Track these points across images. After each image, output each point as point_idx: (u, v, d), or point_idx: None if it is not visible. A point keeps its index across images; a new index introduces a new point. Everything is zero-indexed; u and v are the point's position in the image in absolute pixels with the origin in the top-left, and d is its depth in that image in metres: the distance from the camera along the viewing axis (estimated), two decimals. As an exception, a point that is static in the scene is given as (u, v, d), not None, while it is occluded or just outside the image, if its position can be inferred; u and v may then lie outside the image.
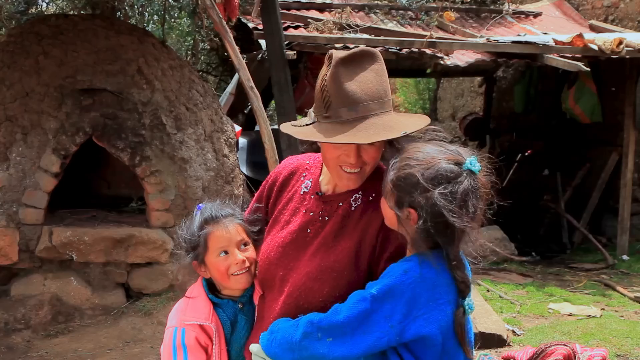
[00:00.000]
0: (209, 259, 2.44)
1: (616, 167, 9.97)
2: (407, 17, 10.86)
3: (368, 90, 2.13)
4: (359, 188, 2.27)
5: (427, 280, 1.96)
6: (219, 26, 6.72)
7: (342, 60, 2.15)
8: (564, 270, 8.87)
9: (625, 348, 5.54)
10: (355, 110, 2.13)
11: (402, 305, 1.94)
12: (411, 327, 1.94)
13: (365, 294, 1.99)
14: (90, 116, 6.65)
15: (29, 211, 6.48)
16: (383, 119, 2.12)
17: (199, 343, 2.40)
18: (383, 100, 2.15)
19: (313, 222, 2.33)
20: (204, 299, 2.48)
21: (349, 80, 2.14)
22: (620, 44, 8.33)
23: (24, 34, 7.11)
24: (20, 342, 5.92)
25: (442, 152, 2.01)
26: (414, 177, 1.96)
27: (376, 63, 2.18)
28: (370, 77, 2.15)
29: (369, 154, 2.18)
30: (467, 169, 1.97)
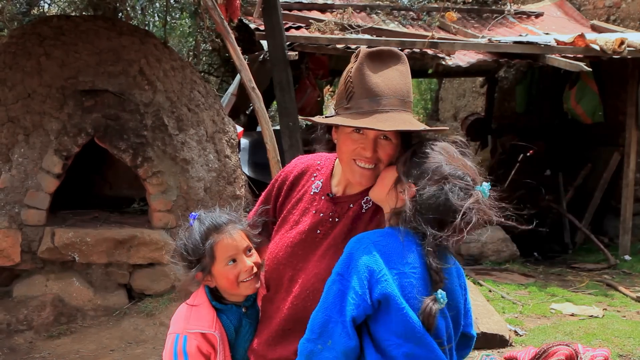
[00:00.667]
0: (216, 268, 2.41)
1: (618, 167, 9.97)
2: (408, 17, 10.86)
3: (391, 86, 2.16)
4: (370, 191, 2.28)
5: (382, 246, 2.03)
6: (220, 27, 6.72)
7: (369, 54, 2.19)
8: (566, 270, 8.86)
9: (627, 348, 5.54)
10: (377, 102, 2.15)
11: (363, 270, 2.00)
12: (375, 288, 1.99)
13: (331, 278, 2.07)
14: (92, 117, 6.65)
15: (31, 212, 6.49)
16: (403, 115, 2.15)
17: (200, 352, 2.38)
18: (405, 100, 2.18)
19: (323, 223, 2.33)
20: (207, 306, 2.46)
21: (373, 74, 2.17)
22: (622, 44, 8.32)
23: (26, 35, 7.11)
24: (23, 343, 5.92)
25: (469, 164, 2.09)
26: (437, 161, 2.03)
27: (402, 64, 2.21)
28: (394, 75, 2.18)
29: (385, 151, 2.18)
30: (479, 190, 2.02)
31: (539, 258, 9.72)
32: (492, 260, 8.95)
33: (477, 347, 2.10)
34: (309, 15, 9.83)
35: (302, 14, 9.86)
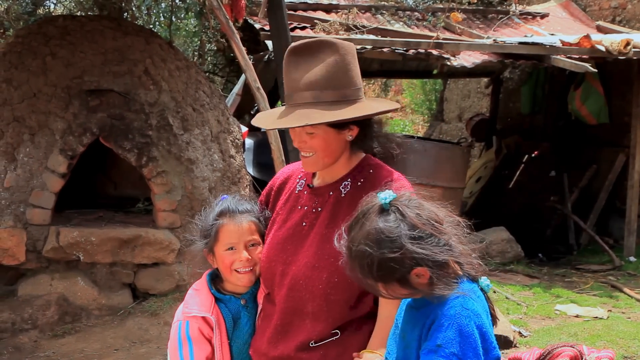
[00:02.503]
0: (217, 250, 2.50)
1: (623, 169, 9.95)
2: (413, 18, 10.86)
3: (307, 80, 2.20)
4: (347, 175, 2.35)
5: (477, 307, 1.96)
6: (225, 27, 6.73)
7: (291, 49, 2.25)
8: (571, 271, 8.85)
9: (632, 350, 5.53)
10: (290, 97, 2.24)
11: (477, 342, 1.91)
12: (490, 354, 1.95)
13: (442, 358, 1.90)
14: (97, 117, 6.66)
15: (36, 211, 6.50)
16: (310, 110, 2.19)
17: (202, 334, 2.44)
18: (323, 91, 2.20)
19: (307, 215, 2.39)
20: (206, 292, 2.53)
21: (293, 69, 2.23)
22: (627, 45, 8.31)
23: (32, 34, 7.13)
24: (27, 342, 5.93)
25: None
26: (399, 241, 1.88)
27: (332, 55, 2.23)
28: (317, 67, 2.21)
29: (312, 141, 2.26)
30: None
31: (543, 259, 9.71)
32: (496, 261, 8.94)
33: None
34: (314, 15, 9.82)
35: (307, 14, 9.86)
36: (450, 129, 15.74)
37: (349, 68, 2.25)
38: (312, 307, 2.30)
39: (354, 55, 2.30)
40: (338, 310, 2.29)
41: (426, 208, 1.96)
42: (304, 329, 2.33)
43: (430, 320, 1.95)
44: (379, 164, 2.38)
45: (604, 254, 9.37)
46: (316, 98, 2.21)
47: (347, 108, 2.22)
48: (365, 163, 2.37)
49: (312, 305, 2.30)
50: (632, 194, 9.38)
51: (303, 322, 2.33)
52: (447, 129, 15.90)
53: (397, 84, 22.63)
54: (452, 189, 9.14)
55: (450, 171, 9.11)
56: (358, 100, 2.26)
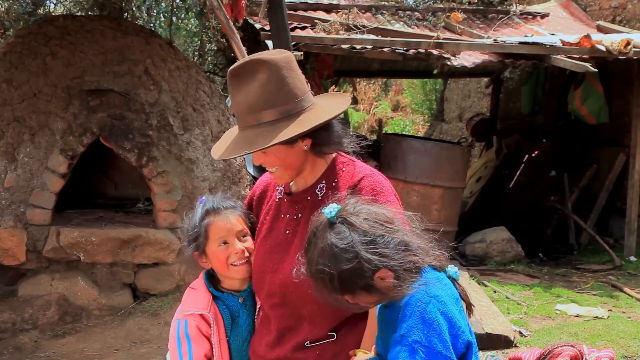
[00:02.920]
0: (209, 248, 2.50)
1: (623, 168, 9.95)
2: (414, 17, 10.86)
3: (247, 103, 2.22)
4: (321, 178, 2.36)
5: (441, 294, 1.95)
6: (226, 27, 6.73)
7: (230, 73, 2.26)
8: (571, 271, 8.85)
9: (632, 349, 5.53)
10: (238, 120, 2.27)
11: (442, 328, 1.90)
12: (459, 339, 1.94)
13: (409, 349, 1.88)
14: (97, 117, 6.66)
15: (36, 212, 6.50)
16: (253, 133, 2.21)
17: (201, 332, 2.45)
18: (263, 111, 2.20)
19: (289, 222, 2.41)
20: (204, 290, 2.55)
21: (235, 93, 2.25)
22: (627, 45, 8.31)
23: (32, 34, 7.13)
24: (28, 342, 5.94)
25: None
26: (356, 248, 1.89)
27: (264, 72, 2.22)
28: (253, 89, 2.22)
29: (267, 159, 2.29)
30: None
31: (543, 259, 9.70)
32: (496, 260, 8.94)
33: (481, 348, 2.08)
34: (314, 15, 9.82)
35: (308, 14, 9.86)
36: (451, 129, 15.75)
37: (284, 83, 2.22)
38: (307, 311, 2.32)
39: (291, 67, 2.26)
40: (332, 312, 2.29)
41: (373, 211, 1.97)
42: (301, 331, 2.36)
43: (397, 313, 1.96)
44: (352, 162, 2.39)
45: (604, 254, 9.37)
46: (257, 120, 2.21)
47: (289, 124, 2.21)
48: (337, 162, 2.38)
49: (306, 310, 2.32)
50: (633, 193, 9.37)
51: (301, 326, 2.36)
52: (448, 129, 15.91)
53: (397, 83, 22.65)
54: (452, 188, 9.14)
55: (451, 171, 9.11)
56: (303, 111, 2.24)
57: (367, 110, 21.26)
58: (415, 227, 2.01)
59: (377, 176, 2.33)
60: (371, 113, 20.94)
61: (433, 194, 8.92)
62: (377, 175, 2.34)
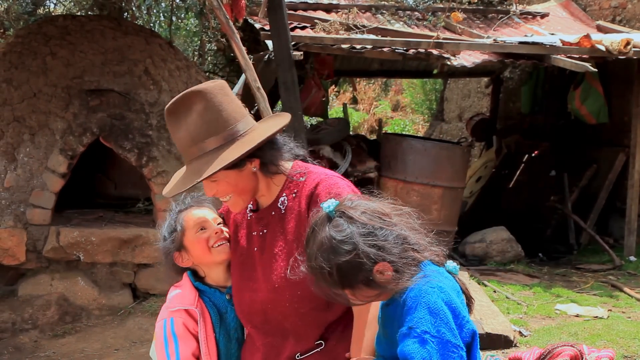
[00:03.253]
0: (187, 239, 2.50)
1: (623, 168, 9.94)
2: (413, 17, 10.85)
3: (188, 135, 2.23)
4: (281, 191, 2.37)
5: (443, 285, 1.96)
6: (225, 27, 6.72)
7: (168, 111, 2.26)
8: (571, 271, 8.84)
9: (632, 349, 5.52)
10: (184, 156, 2.29)
11: (448, 317, 1.90)
12: (464, 329, 1.94)
13: (419, 340, 1.87)
14: (97, 117, 6.66)
15: (36, 211, 6.50)
16: (200, 163, 2.22)
17: (187, 329, 2.43)
18: (205, 140, 2.22)
19: (257, 239, 2.41)
20: (189, 286, 2.53)
21: (175, 130, 2.26)
22: (627, 45, 8.30)
23: (32, 34, 7.13)
24: (28, 342, 5.94)
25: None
26: (354, 243, 1.89)
27: (199, 103, 2.23)
28: (192, 121, 2.23)
29: (218, 187, 2.29)
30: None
31: (543, 259, 9.70)
32: (496, 260, 8.94)
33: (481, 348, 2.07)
34: (314, 15, 9.82)
35: (308, 14, 9.85)
36: (451, 129, 15.73)
37: (221, 109, 2.24)
38: (289, 325, 2.33)
39: (225, 93, 2.28)
40: (313, 320, 2.31)
41: (370, 205, 1.97)
42: (287, 345, 2.36)
43: (400, 308, 1.95)
44: (308, 169, 2.39)
45: (604, 254, 9.36)
46: (201, 150, 2.23)
47: (232, 148, 2.22)
48: (294, 173, 2.38)
49: (288, 324, 2.33)
50: (632, 193, 9.37)
51: (287, 341, 2.36)
52: (448, 129, 15.90)
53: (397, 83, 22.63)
54: (452, 188, 9.14)
55: (451, 171, 9.10)
56: (245, 134, 2.26)
57: (367, 110, 21.25)
58: (413, 222, 2.00)
59: (332, 179, 2.33)
60: (371, 113, 20.93)
61: (433, 194, 8.92)
62: (332, 177, 2.34)
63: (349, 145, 9.43)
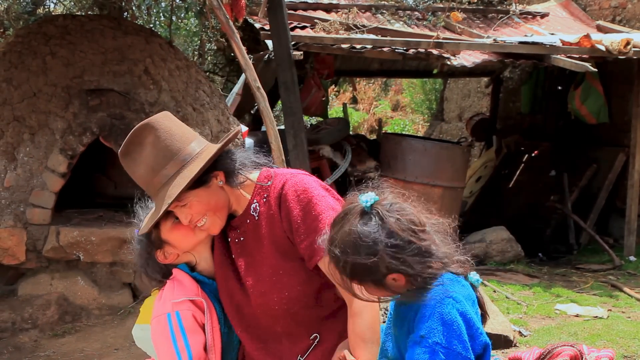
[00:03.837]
0: (165, 231, 2.43)
1: (623, 168, 9.94)
2: (413, 17, 10.85)
3: (148, 168, 2.25)
4: (252, 199, 2.37)
5: (459, 295, 1.95)
6: (225, 27, 6.72)
7: (121, 153, 2.30)
8: (571, 271, 8.84)
9: (632, 349, 5.52)
10: (149, 189, 2.28)
11: (461, 329, 1.90)
12: (476, 340, 1.94)
13: (430, 351, 1.88)
14: (97, 116, 6.66)
15: (36, 211, 6.50)
16: (166, 189, 2.23)
17: (196, 322, 2.35)
18: (166, 167, 2.24)
19: (234, 247, 2.42)
20: (187, 278, 2.45)
21: (133, 169, 2.28)
22: (627, 45, 8.30)
23: (32, 34, 7.13)
24: (28, 341, 5.94)
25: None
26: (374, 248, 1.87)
27: (149, 135, 2.27)
28: (147, 153, 2.26)
29: (192, 210, 2.29)
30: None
31: (543, 259, 9.70)
32: (496, 260, 8.94)
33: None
34: (314, 15, 9.82)
35: (307, 14, 9.85)
36: (451, 129, 15.74)
37: (172, 132, 2.28)
38: (281, 327, 2.34)
39: (170, 119, 2.33)
40: (305, 318, 2.32)
41: (408, 212, 1.93)
42: (282, 349, 2.36)
43: (414, 312, 1.94)
44: (274, 173, 2.40)
45: (604, 254, 9.37)
46: (164, 177, 2.24)
47: (192, 167, 2.24)
48: (261, 180, 2.39)
49: (280, 326, 2.33)
50: (632, 193, 9.37)
51: (280, 343, 2.37)
52: (447, 129, 15.90)
53: (397, 83, 22.63)
54: (452, 188, 9.14)
55: (451, 171, 9.11)
56: (201, 152, 2.29)
57: (366, 110, 21.26)
58: (443, 233, 1.99)
59: (298, 177, 2.34)
60: (371, 113, 20.94)
61: (433, 194, 8.92)
62: (297, 175, 2.35)
63: (349, 145, 9.44)
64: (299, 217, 2.23)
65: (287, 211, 2.26)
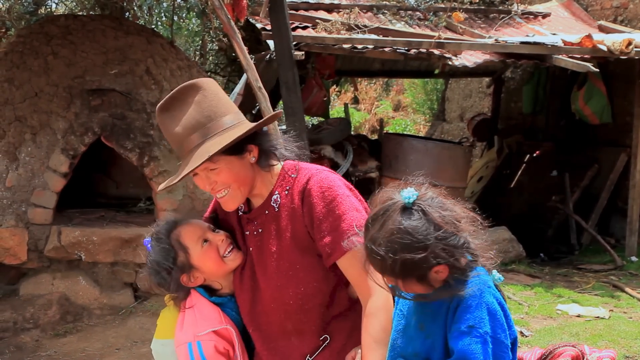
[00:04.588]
0: (194, 257, 2.39)
1: (625, 168, 9.93)
2: (415, 17, 10.84)
3: (188, 124, 2.21)
4: (273, 190, 2.36)
5: (492, 291, 2.00)
6: (227, 27, 6.72)
7: (161, 107, 2.26)
8: (572, 271, 8.83)
9: (633, 349, 5.52)
10: (182, 148, 2.24)
11: (503, 319, 1.95)
12: (510, 332, 1.98)
13: (482, 340, 1.90)
14: (98, 116, 6.67)
15: (37, 211, 6.50)
16: (204, 147, 2.19)
17: (218, 351, 2.32)
18: (207, 126, 2.21)
19: (251, 239, 2.40)
20: (207, 304, 2.41)
21: (170, 124, 2.24)
22: (629, 45, 8.29)
23: (33, 34, 7.13)
24: (29, 341, 5.94)
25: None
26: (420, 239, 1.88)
27: (197, 94, 2.24)
28: (190, 111, 2.22)
29: (220, 177, 2.25)
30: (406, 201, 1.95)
31: (545, 259, 9.69)
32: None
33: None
34: (316, 15, 9.82)
35: (309, 14, 9.85)
36: (452, 129, 15.73)
37: (219, 97, 2.27)
38: (292, 323, 2.32)
39: (217, 85, 2.32)
40: (317, 316, 2.30)
41: (447, 207, 1.95)
42: (292, 347, 2.35)
43: (455, 304, 1.95)
44: (299, 167, 2.39)
45: (605, 254, 9.36)
46: (204, 135, 2.22)
47: (235, 130, 2.23)
48: (285, 171, 2.38)
49: (291, 322, 2.32)
50: (634, 193, 9.36)
51: (289, 342, 2.35)
52: (449, 129, 15.89)
53: (398, 83, 22.63)
54: (453, 188, 9.13)
55: (452, 171, 9.11)
56: (242, 122, 2.28)
57: (368, 110, 21.25)
58: (476, 228, 2.00)
59: (323, 173, 2.33)
60: (372, 113, 20.93)
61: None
62: (323, 172, 2.34)
63: (350, 145, 9.43)
64: (322, 214, 2.22)
65: (310, 206, 2.25)
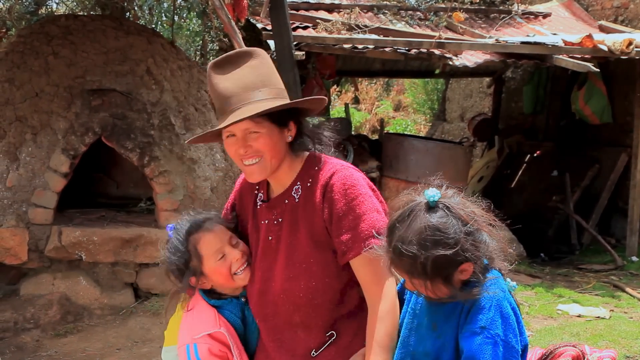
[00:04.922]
0: (207, 267, 2.40)
1: (626, 168, 9.93)
2: (415, 17, 10.84)
3: (241, 83, 2.22)
4: (296, 180, 2.35)
5: (506, 296, 1.99)
6: (228, 27, 6.72)
7: (213, 64, 2.27)
8: (573, 271, 8.83)
9: (634, 349, 5.52)
10: (228, 103, 2.22)
11: (514, 324, 1.96)
12: (522, 338, 1.99)
13: (492, 342, 1.91)
14: (99, 116, 6.67)
15: (38, 211, 6.50)
16: (253, 106, 2.19)
17: (213, 354, 2.35)
18: (260, 89, 2.23)
19: (270, 228, 2.38)
20: (205, 307, 2.44)
21: (221, 79, 2.24)
22: (629, 45, 8.29)
23: (34, 34, 7.14)
24: (30, 341, 5.94)
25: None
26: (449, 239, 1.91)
27: (254, 59, 2.26)
28: (244, 72, 2.24)
29: (258, 142, 2.24)
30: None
31: (545, 259, 9.69)
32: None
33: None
34: (316, 15, 9.82)
35: (309, 14, 9.85)
36: (453, 129, 15.72)
37: (273, 69, 2.31)
38: (299, 316, 2.31)
39: (271, 60, 2.34)
40: (325, 312, 2.29)
41: (468, 205, 1.99)
42: (297, 340, 2.34)
43: (469, 305, 1.96)
44: (323, 160, 2.37)
45: (606, 254, 9.35)
46: (254, 97, 2.22)
47: (286, 100, 2.27)
48: (309, 163, 2.37)
49: (299, 315, 2.30)
50: (635, 193, 9.36)
51: (295, 334, 2.34)
52: (449, 129, 15.89)
53: (399, 83, 22.62)
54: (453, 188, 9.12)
55: (452, 171, 9.10)
56: (287, 97, 2.31)
57: (368, 110, 21.25)
58: (493, 229, 2.03)
59: (348, 170, 2.31)
60: (373, 113, 20.93)
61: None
62: (348, 169, 2.32)
63: (351, 145, 9.43)
64: (342, 211, 2.22)
65: (331, 202, 2.24)
